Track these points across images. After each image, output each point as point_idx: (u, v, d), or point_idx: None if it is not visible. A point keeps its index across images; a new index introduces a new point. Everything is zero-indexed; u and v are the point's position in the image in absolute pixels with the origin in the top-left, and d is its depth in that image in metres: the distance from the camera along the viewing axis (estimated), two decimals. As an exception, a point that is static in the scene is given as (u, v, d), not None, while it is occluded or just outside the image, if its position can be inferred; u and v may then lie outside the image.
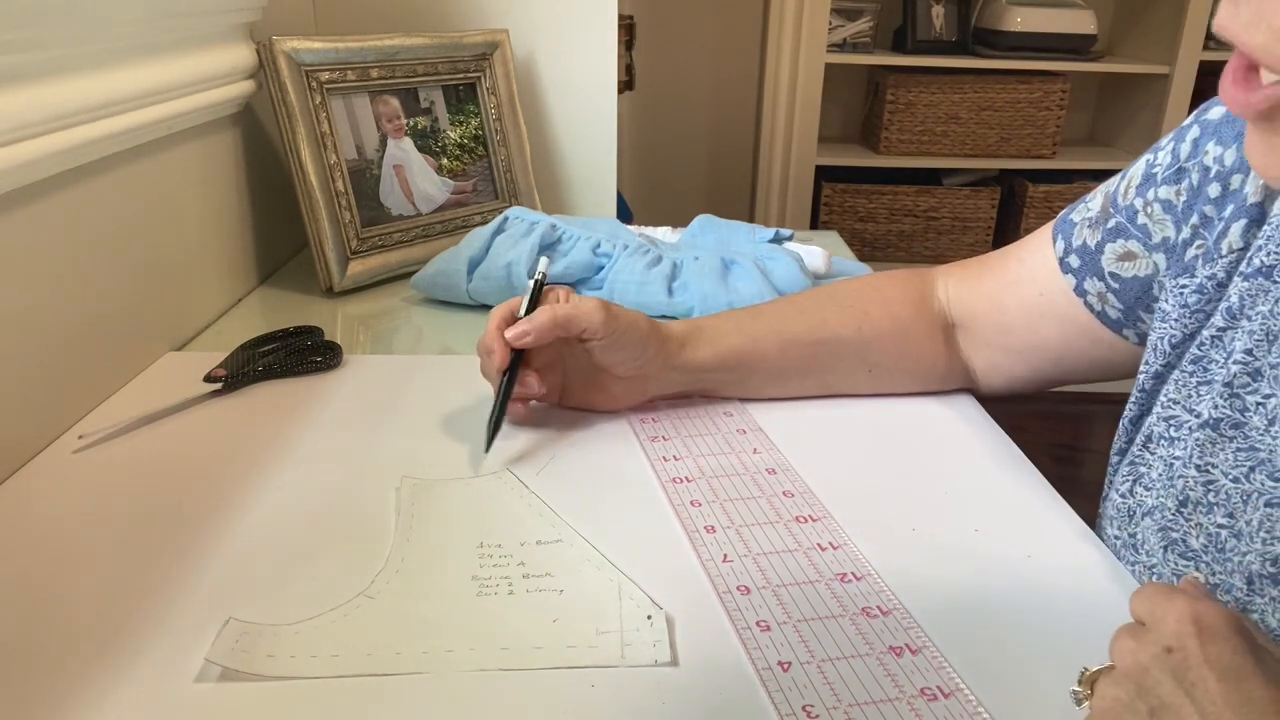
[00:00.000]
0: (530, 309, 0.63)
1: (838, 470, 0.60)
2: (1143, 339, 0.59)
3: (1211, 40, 2.24)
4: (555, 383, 0.66)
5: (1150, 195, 0.57)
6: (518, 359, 0.62)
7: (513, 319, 0.62)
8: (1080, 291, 0.61)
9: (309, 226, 0.89)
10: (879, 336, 0.68)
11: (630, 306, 0.65)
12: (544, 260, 0.68)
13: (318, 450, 0.62)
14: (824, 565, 0.50)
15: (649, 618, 0.46)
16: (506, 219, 0.90)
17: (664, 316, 0.81)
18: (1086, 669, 0.39)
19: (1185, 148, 0.56)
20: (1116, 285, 0.59)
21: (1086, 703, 0.38)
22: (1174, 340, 0.53)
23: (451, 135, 1.02)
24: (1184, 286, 0.53)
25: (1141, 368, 0.56)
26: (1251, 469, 0.47)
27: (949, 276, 0.71)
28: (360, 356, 0.77)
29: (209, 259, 0.85)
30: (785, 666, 0.43)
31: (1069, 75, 2.33)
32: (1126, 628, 0.38)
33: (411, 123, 0.98)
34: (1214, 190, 0.53)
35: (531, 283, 0.65)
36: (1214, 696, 0.34)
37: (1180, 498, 0.50)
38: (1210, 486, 0.49)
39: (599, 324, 0.61)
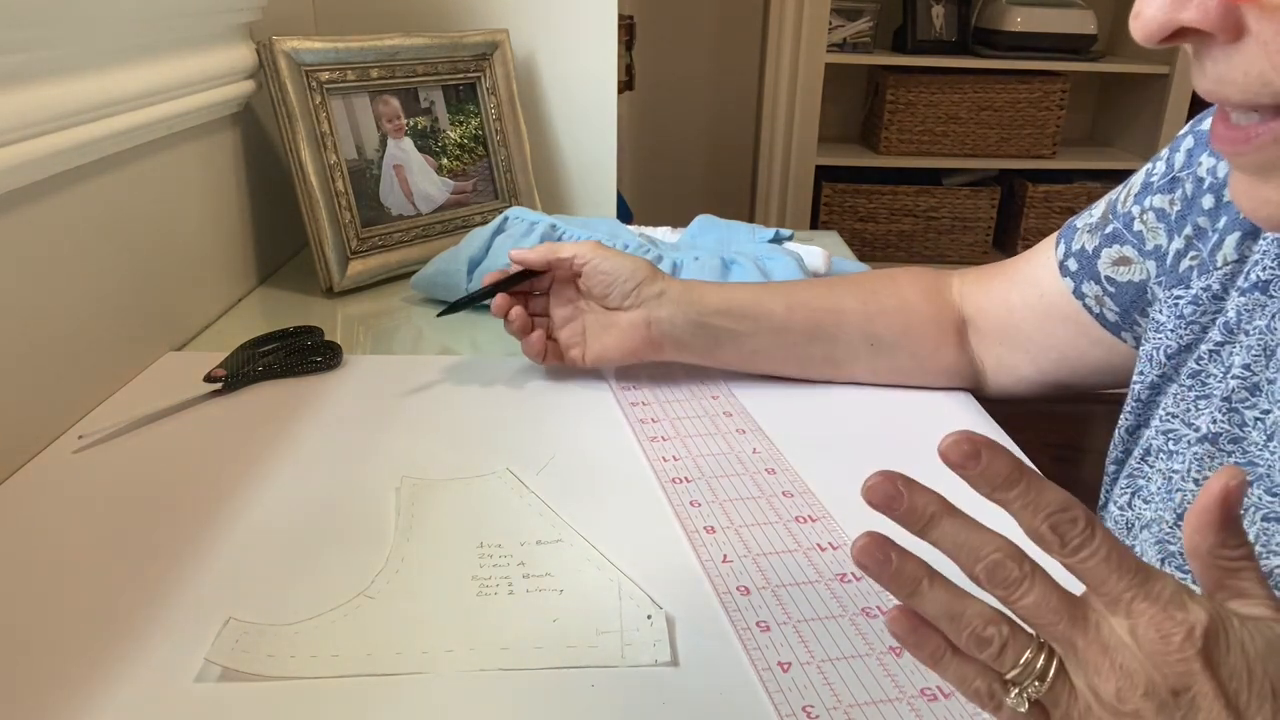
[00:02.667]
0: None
1: (837, 469, 0.60)
2: (1140, 342, 0.60)
3: (1211, 40, 2.23)
4: (577, 334, 0.71)
5: (1146, 203, 0.58)
6: (517, 277, 0.71)
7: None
8: (1079, 294, 0.62)
9: (309, 226, 0.89)
10: (884, 311, 0.69)
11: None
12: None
13: (318, 450, 0.62)
14: (824, 565, 0.50)
15: (649, 618, 0.46)
16: (506, 219, 0.90)
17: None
18: (1024, 668, 0.32)
19: (1180, 157, 0.56)
20: (1112, 289, 0.60)
21: (1024, 704, 0.32)
22: (1169, 351, 0.54)
23: (451, 135, 1.02)
24: (1179, 298, 0.54)
25: (1136, 378, 0.57)
26: (1250, 484, 0.47)
27: (964, 276, 0.72)
28: (360, 356, 0.77)
29: (209, 259, 0.85)
30: (785, 667, 0.43)
31: (1069, 75, 2.33)
32: (1114, 645, 0.31)
33: (411, 123, 0.98)
34: (1207, 202, 0.53)
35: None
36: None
37: (1178, 511, 0.50)
38: None
39: (587, 248, 0.69)
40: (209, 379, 0.69)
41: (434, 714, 0.40)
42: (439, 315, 0.73)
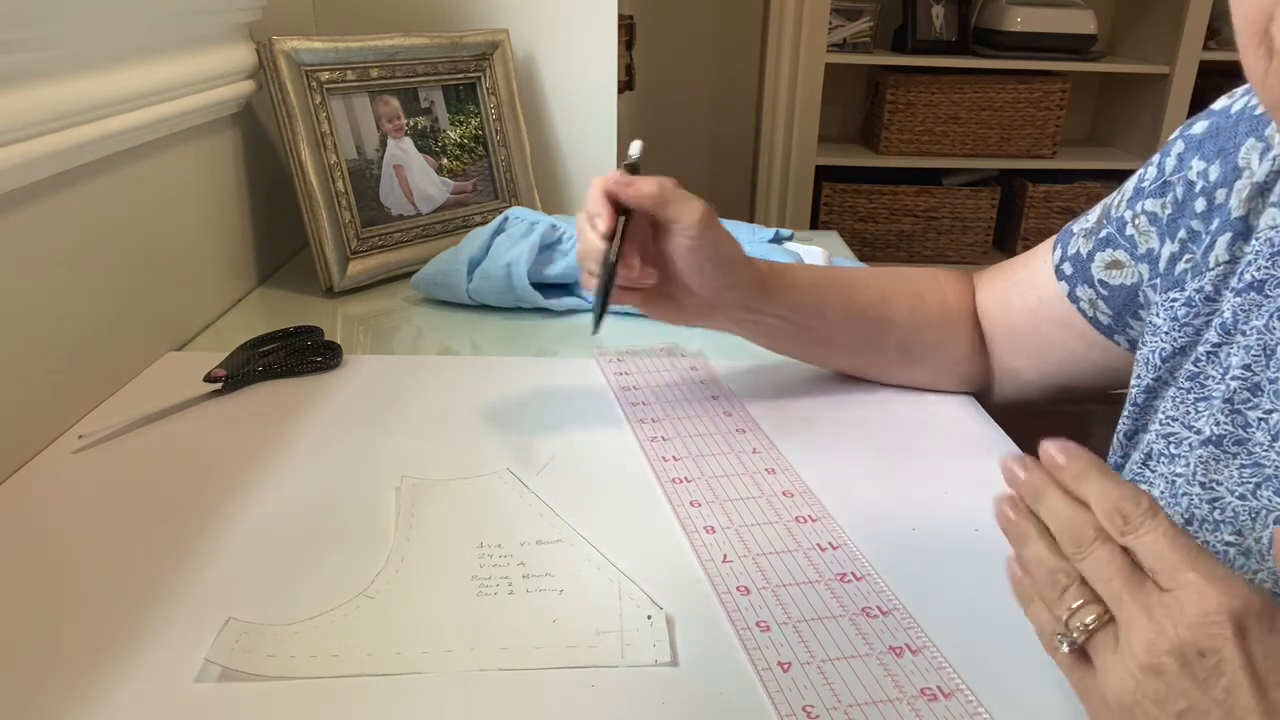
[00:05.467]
0: None
1: (838, 470, 0.60)
2: (1134, 346, 0.60)
3: (1211, 40, 2.24)
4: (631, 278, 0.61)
5: (1138, 208, 0.58)
6: (623, 229, 0.58)
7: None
8: (1073, 298, 0.62)
9: (309, 226, 0.89)
10: (927, 323, 0.69)
11: (630, 305, 0.66)
12: (638, 144, 0.62)
13: (318, 450, 0.62)
14: (824, 565, 0.50)
15: (649, 618, 0.46)
16: (506, 219, 0.90)
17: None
18: (1073, 613, 0.36)
19: (1170, 162, 0.57)
20: (1105, 292, 0.60)
21: (1065, 645, 0.36)
22: (1164, 354, 0.54)
23: (451, 135, 1.02)
24: (1174, 300, 0.54)
25: (1133, 382, 0.57)
26: (1258, 485, 0.47)
27: (980, 278, 0.72)
28: (360, 356, 0.77)
29: (209, 259, 0.85)
30: (785, 666, 0.43)
31: (1069, 75, 2.33)
32: (1139, 595, 0.34)
33: (411, 123, 0.98)
34: (1199, 205, 0.54)
35: (625, 168, 0.61)
36: (1250, 709, 0.31)
37: (1185, 516, 0.50)
38: (1216, 504, 0.49)
39: (696, 220, 0.59)
40: (209, 379, 0.69)
41: (434, 714, 0.40)
42: (595, 332, 0.59)
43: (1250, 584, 0.33)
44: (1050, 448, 0.39)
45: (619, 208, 0.59)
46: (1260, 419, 0.47)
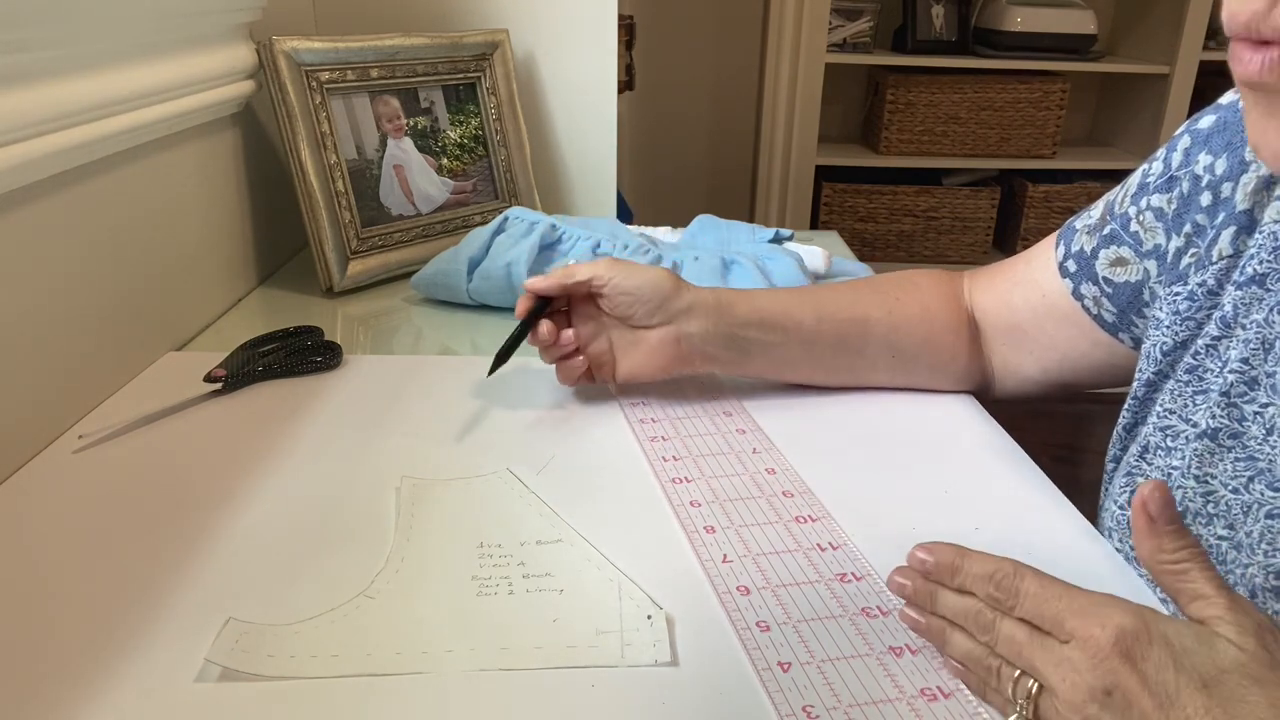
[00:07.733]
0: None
1: (838, 470, 0.60)
2: (1138, 343, 0.60)
3: (1211, 40, 2.24)
4: (603, 353, 0.68)
5: (1143, 204, 0.58)
6: (540, 309, 0.66)
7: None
8: (1077, 295, 0.62)
9: (309, 226, 0.89)
10: (907, 320, 0.68)
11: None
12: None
13: (318, 450, 0.62)
14: (824, 565, 0.50)
15: (649, 618, 0.46)
16: (506, 219, 0.90)
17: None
18: (1014, 686, 0.38)
19: (1176, 157, 0.57)
20: (1110, 290, 0.60)
21: (1016, 717, 0.38)
22: (1165, 348, 0.54)
23: (451, 135, 1.02)
24: (1177, 294, 0.54)
25: (1136, 375, 0.57)
26: (1251, 479, 0.47)
27: (973, 276, 0.72)
28: (360, 356, 0.77)
29: (209, 259, 0.85)
30: (785, 667, 0.43)
31: (1069, 75, 2.33)
32: (1069, 645, 0.37)
33: (411, 123, 0.98)
34: (1205, 199, 0.53)
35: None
36: None
37: (1179, 509, 0.50)
38: (1209, 497, 0.49)
39: (605, 267, 0.65)
40: (209, 379, 0.69)
41: (434, 714, 0.40)
42: (489, 375, 0.68)
43: (1125, 601, 0.36)
44: (917, 553, 0.43)
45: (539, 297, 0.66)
46: (1256, 413, 0.48)
